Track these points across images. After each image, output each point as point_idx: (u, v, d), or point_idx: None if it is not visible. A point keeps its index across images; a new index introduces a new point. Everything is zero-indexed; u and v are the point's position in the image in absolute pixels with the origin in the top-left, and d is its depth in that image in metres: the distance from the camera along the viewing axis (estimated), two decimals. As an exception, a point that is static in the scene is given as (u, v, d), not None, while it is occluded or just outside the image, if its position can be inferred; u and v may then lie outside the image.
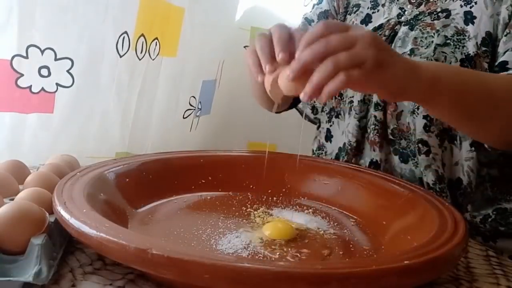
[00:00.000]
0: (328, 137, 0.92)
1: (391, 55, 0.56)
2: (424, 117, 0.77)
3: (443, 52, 0.76)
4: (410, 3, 0.84)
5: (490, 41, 0.75)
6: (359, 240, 0.62)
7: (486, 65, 0.75)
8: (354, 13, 0.91)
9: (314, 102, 0.96)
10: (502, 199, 0.78)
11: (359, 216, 0.68)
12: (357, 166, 0.81)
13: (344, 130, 0.87)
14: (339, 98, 0.89)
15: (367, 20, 0.89)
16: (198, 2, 1.07)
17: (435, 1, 0.81)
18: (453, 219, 0.56)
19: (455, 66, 0.73)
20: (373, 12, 0.89)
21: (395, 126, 0.80)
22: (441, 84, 0.61)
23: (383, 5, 0.88)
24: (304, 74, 0.53)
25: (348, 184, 0.73)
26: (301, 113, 1.00)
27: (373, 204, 0.68)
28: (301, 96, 0.53)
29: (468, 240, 0.53)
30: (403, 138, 0.80)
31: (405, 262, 0.44)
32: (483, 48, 0.75)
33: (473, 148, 0.76)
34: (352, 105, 0.84)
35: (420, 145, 0.77)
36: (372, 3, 0.90)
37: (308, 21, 0.97)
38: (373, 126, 0.81)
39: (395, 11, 0.85)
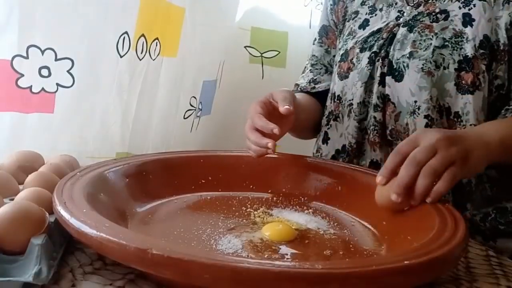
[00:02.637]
0: (325, 139, 0.93)
1: (466, 143, 0.61)
2: (425, 116, 0.77)
3: (441, 54, 0.77)
4: (408, 5, 0.85)
5: (488, 44, 0.76)
6: (359, 240, 0.62)
7: (483, 67, 0.76)
8: (353, 19, 0.92)
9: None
10: (503, 199, 0.79)
11: (359, 216, 0.68)
12: (357, 166, 0.82)
13: (343, 133, 0.88)
14: (338, 101, 0.89)
15: (364, 24, 0.89)
16: (198, 2, 1.07)
17: (434, 2, 0.82)
18: (453, 219, 0.55)
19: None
20: (370, 17, 0.90)
21: (393, 127, 0.80)
22: (508, 146, 0.67)
23: (380, 10, 0.89)
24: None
25: (348, 184, 0.73)
26: None
27: (373, 204, 0.68)
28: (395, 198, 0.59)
29: (468, 240, 0.53)
30: (399, 138, 0.80)
31: (405, 262, 0.44)
32: (481, 51, 0.76)
33: None
34: (352, 107, 0.85)
35: None
36: (370, 8, 0.91)
37: (317, 60, 1.00)
38: (373, 127, 0.82)
39: (393, 14, 0.86)
